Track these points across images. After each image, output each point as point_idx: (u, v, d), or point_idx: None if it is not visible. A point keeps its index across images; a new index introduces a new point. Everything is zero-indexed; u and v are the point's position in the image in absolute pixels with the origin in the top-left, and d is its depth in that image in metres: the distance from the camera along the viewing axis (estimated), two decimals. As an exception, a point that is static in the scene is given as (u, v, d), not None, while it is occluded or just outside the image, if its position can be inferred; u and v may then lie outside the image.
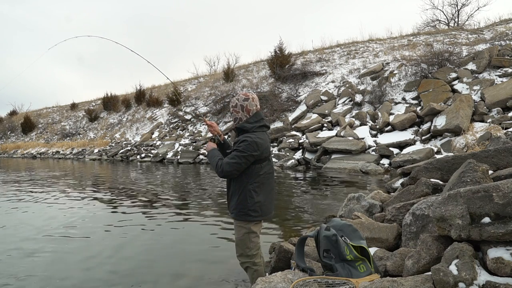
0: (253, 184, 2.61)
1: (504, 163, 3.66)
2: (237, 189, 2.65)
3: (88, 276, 3.63)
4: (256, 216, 2.64)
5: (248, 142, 2.53)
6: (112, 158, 20.35)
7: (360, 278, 2.23)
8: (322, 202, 6.72)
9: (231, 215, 2.74)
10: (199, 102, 22.34)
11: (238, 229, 2.70)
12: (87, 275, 3.66)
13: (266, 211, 2.71)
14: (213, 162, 2.64)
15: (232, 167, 2.53)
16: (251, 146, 2.53)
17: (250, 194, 2.61)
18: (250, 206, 2.61)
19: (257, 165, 2.61)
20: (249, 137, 2.55)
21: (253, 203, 2.61)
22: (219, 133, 2.90)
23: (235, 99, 2.72)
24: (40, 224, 5.75)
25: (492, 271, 1.79)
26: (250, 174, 2.61)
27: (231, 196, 2.71)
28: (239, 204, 2.63)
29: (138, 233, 5.12)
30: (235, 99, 2.72)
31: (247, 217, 2.63)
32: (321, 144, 12.14)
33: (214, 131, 2.89)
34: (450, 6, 27.91)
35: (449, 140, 9.95)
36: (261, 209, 2.66)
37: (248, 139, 2.54)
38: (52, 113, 36.14)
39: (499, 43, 14.28)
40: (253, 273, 2.70)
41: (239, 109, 2.68)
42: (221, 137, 2.90)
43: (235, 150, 2.57)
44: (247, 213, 2.63)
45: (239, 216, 2.65)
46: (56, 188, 9.79)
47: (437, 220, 2.07)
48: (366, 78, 15.84)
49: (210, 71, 33.08)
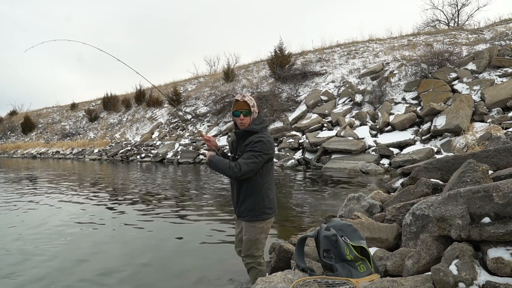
0: (267, 183, 2.66)
1: (504, 163, 3.66)
2: (253, 190, 2.62)
3: (81, 277, 3.59)
4: (271, 213, 2.70)
5: (264, 141, 2.54)
6: (112, 158, 20.34)
7: (360, 278, 2.23)
8: (322, 202, 6.72)
9: (244, 218, 2.67)
10: (199, 102, 22.34)
11: (252, 229, 2.67)
12: (80, 276, 3.61)
13: (276, 207, 2.77)
14: (224, 165, 2.54)
15: (249, 167, 2.51)
16: (267, 146, 2.55)
17: (266, 193, 2.64)
18: (266, 205, 2.65)
19: (269, 164, 2.65)
20: (263, 137, 2.56)
21: (268, 201, 2.66)
22: (217, 147, 2.80)
23: (250, 97, 2.66)
24: (38, 223, 5.75)
25: (492, 271, 1.79)
26: (264, 173, 2.63)
27: (243, 198, 2.66)
28: (256, 204, 2.62)
29: (137, 233, 5.11)
30: (250, 98, 2.66)
31: (264, 215, 2.65)
32: (321, 144, 12.15)
33: (212, 145, 2.79)
34: (450, 6, 27.99)
35: (449, 140, 9.96)
36: (274, 206, 2.73)
37: (262, 139, 2.55)
38: (52, 113, 36.15)
39: (499, 43, 14.28)
40: (257, 273, 2.69)
41: (256, 109, 2.67)
42: (219, 151, 2.81)
43: (250, 151, 2.54)
44: (264, 212, 2.65)
45: (256, 216, 2.64)
46: (55, 188, 9.79)
47: (437, 220, 2.07)
48: (366, 78, 15.84)
49: (210, 71, 33.09)
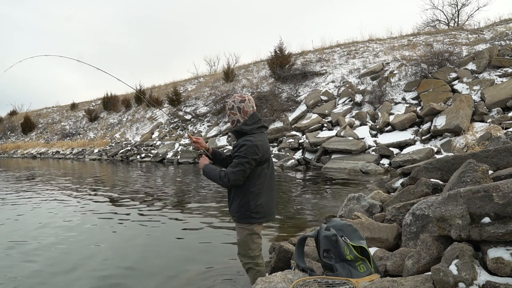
0: (254, 187, 2.59)
1: (504, 163, 3.66)
2: (238, 193, 2.62)
3: (77, 280, 3.57)
4: (258, 218, 2.63)
5: (248, 146, 2.49)
6: (112, 158, 20.34)
7: (360, 278, 2.23)
8: (322, 202, 6.72)
9: (233, 218, 2.71)
10: (199, 102, 22.34)
11: (240, 231, 2.68)
12: (78, 279, 3.59)
13: (268, 212, 2.69)
14: (215, 175, 2.58)
15: (237, 175, 2.50)
16: (252, 150, 2.49)
17: (252, 197, 2.58)
18: (252, 209, 2.59)
19: (258, 168, 2.59)
20: (248, 141, 2.52)
21: (255, 206, 2.59)
22: (206, 148, 2.85)
23: (231, 101, 2.68)
24: (36, 225, 5.75)
25: (492, 271, 1.79)
26: (251, 177, 2.58)
27: (232, 199, 2.68)
28: (241, 207, 2.61)
29: (136, 234, 5.11)
30: (231, 102, 2.68)
31: (249, 219, 2.62)
32: (321, 144, 12.15)
33: (201, 146, 2.83)
34: (450, 6, 27.97)
35: (449, 140, 9.95)
36: (264, 211, 2.64)
37: (247, 143, 2.50)
38: (52, 113, 36.14)
39: (499, 43, 14.27)
40: (255, 274, 2.69)
41: (236, 111, 2.65)
42: (209, 151, 2.85)
43: (236, 157, 2.53)
44: (249, 216, 2.61)
45: (241, 219, 2.63)
46: (55, 187, 9.79)
47: (437, 220, 2.06)
48: (366, 78, 15.84)
49: (210, 71, 33.08)
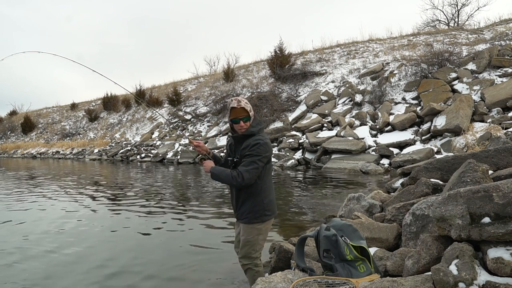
0: (265, 184, 2.65)
1: (504, 163, 3.66)
2: (252, 193, 2.62)
3: (82, 278, 3.58)
4: (270, 214, 2.69)
5: (261, 144, 2.53)
6: (112, 158, 20.34)
7: (360, 278, 2.23)
8: (322, 202, 6.72)
9: (243, 220, 2.68)
10: (199, 102, 22.34)
11: (250, 231, 2.67)
12: (80, 278, 3.61)
13: (275, 209, 2.77)
14: (226, 176, 2.55)
15: (252, 173, 2.50)
16: (264, 148, 2.54)
17: (264, 195, 2.64)
18: (265, 206, 2.64)
19: (267, 165, 2.64)
20: (260, 140, 2.55)
21: (267, 203, 2.65)
22: (207, 151, 2.84)
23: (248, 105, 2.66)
24: (33, 228, 5.75)
25: (492, 271, 1.79)
26: (263, 175, 2.62)
27: (243, 200, 2.66)
28: (255, 206, 2.62)
29: (136, 234, 5.11)
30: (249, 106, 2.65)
31: (262, 217, 2.65)
32: (321, 144, 12.15)
33: (202, 150, 2.82)
34: (450, 6, 27.94)
35: (449, 140, 9.95)
36: (273, 208, 2.73)
37: (260, 141, 2.54)
38: (52, 113, 36.14)
39: (499, 43, 14.28)
40: (254, 274, 2.70)
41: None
42: (210, 154, 2.85)
43: (248, 156, 2.53)
44: (263, 214, 2.64)
45: (254, 218, 2.63)
46: (55, 187, 9.79)
47: (437, 220, 2.07)
48: (366, 78, 15.84)
49: (210, 71, 33.06)
